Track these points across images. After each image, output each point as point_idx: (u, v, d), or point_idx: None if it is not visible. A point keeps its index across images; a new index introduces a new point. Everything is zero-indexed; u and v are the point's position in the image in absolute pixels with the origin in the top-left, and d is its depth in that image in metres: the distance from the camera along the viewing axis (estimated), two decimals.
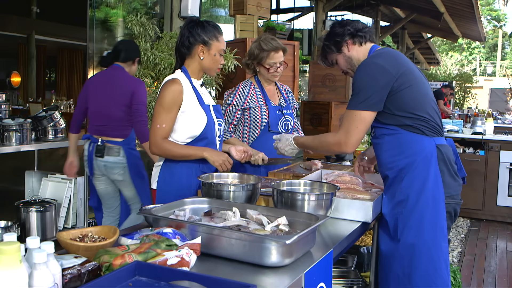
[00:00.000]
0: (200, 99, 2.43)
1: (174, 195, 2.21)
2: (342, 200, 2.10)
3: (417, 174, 2.13)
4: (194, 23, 2.42)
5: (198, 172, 2.41)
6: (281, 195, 1.94)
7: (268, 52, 3.01)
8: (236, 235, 1.51)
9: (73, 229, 1.59)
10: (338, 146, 2.22)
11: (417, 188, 2.12)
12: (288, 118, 3.15)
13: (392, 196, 2.20)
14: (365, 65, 2.17)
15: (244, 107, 3.05)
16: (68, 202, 3.96)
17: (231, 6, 5.26)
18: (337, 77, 7.26)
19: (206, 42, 2.38)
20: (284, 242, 1.42)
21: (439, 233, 2.13)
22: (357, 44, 2.33)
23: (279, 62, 3.05)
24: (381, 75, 2.10)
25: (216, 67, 2.46)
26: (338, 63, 2.41)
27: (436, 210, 2.13)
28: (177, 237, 1.54)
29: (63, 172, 3.59)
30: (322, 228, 1.93)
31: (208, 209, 1.88)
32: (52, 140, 3.88)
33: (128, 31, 4.71)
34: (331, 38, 2.36)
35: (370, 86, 2.11)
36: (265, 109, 3.06)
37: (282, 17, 10.91)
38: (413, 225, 2.12)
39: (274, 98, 3.18)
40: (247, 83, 3.14)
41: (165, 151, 2.36)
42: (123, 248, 1.43)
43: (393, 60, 2.16)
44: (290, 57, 5.37)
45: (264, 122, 3.05)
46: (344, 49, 2.34)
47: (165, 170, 2.45)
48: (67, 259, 1.35)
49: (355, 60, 2.33)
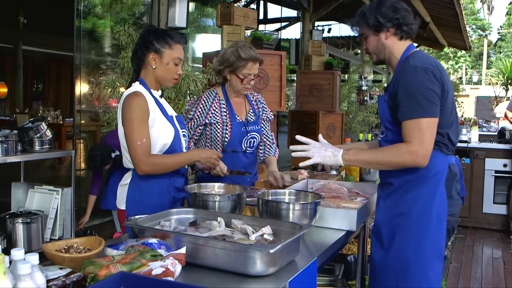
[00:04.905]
0: (163, 110, 2.33)
1: (147, 214, 1.95)
2: (327, 209, 2.12)
3: (425, 190, 2.08)
4: (148, 31, 2.32)
5: (170, 187, 2.33)
6: (266, 205, 1.96)
7: (246, 61, 2.77)
8: (221, 244, 1.53)
9: (59, 241, 1.60)
10: (414, 157, 2.00)
11: (422, 204, 2.07)
12: (254, 135, 2.93)
13: (393, 206, 2.15)
14: (423, 70, 2.01)
15: (205, 122, 2.84)
16: (55, 213, 3.94)
17: (218, 16, 5.29)
18: (324, 86, 7.34)
19: (158, 50, 2.26)
20: (268, 252, 1.44)
21: (437, 252, 2.10)
22: (398, 36, 2.18)
23: (253, 74, 2.82)
24: (437, 85, 2.01)
25: (171, 77, 2.32)
26: (368, 41, 2.24)
27: (438, 229, 2.09)
28: (162, 248, 1.55)
29: None
30: (307, 237, 1.95)
31: (193, 219, 1.89)
32: (39, 151, 3.86)
33: (115, 41, 4.72)
34: (374, 15, 2.16)
35: (431, 91, 1.99)
36: (227, 126, 2.84)
37: (270, 27, 10.97)
38: (412, 241, 2.08)
39: (240, 112, 2.93)
40: (211, 94, 2.90)
41: (156, 165, 2.23)
42: (108, 258, 1.44)
43: (442, 72, 2.05)
44: (277, 67, 5.40)
45: (226, 140, 2.84)
46: (382, 34, 2.18)
47: (134, 189, 2.30)
48: (52, 270, 1.35)
49: (388, 51, 2.20)
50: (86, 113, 7.30)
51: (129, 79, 4.40)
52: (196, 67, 7.19)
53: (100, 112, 7.35)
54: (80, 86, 6.21)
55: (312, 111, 7.30)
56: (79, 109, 6.26)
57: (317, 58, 8.01)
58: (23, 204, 4.02)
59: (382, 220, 2.19)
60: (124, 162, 2.35)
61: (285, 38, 10.86)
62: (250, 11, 5.53)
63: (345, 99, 9.30)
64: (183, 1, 5.33)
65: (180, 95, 4.63)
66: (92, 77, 6.94)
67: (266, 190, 2.20)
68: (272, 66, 5.39)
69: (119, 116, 2.28)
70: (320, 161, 2.17)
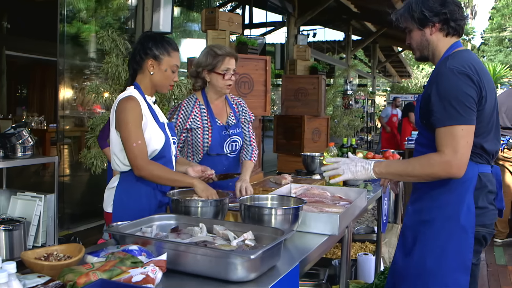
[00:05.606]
0: (155, 116, 2.35)
1: (133, 218, 1.91)
2: (309, 214, 2.12)
3: (451, 199, 1.98)
4: (147, 37, 2.34)
5: (157, 191, 2.34)
6: (248, 210, 1.96)
7: (223, 56, 2.81)
8: (202, 251, 1.52)
9: (38, 248, 1.58)
10: (447, 167, 1.89)
11: (447, 213, 1.99)
12: (235, 138, 2.93)
13: (418, 211, 2.10)
14: (459, 74, 1.90)
15: (186, 127, 2.86)
16: (38, 220, 3.91)
17: (203, 21, 5.29)
18: (310, 91, 7.38)
19: (157, 57, 2.29)
20: (249, 257, 1.44)
21: (462, 264, 1.98)
22: (444, 32, 2.05)
23: (232, 69, 2.85)
24: (474, 90, 1.89)
25: (167, 83, 2.35)
26: (411, 36, 2.12)
27: (463, 241, 1.97)
28: (143, 254, 1.54)
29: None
30: (289, 242, 1.95)
31: (175, 225, 1.89)
32: (21, 157, 3.83)
33: (100, 46, 4.70)
34: (420, 8, 2.03)
35: (467, 96, 1.88)
36: (207, 131, 2.86)
37: (255, 31, 11.00)
38: (434, 250, 2.00)
39: (221, 116, 2.94)
40: (191, 100, 2.92)
41: (152, 171, 2.20)
42: (88, 266, 1.43)
43: (481, 77, 1.93)
44: (261, 71, 5.42)
45: (206, 145, 2.85)
46: (426, 29, 2.05)
47: (121, 192, 2.31)
48: (30, 278, 1.34)
49: (432, 47, 2.08)
50: (70, 119, 7.24)
51: (113, 84, 4.43)
52: (180, 71, 7.17)
53: (84, 117, 7.30)
54: (64, 92, 6.16)
55: (297, 115, 7.34)
56: (63, 114, 6.21)
57: (302, 63, 8.05)
58: (5, 211, 3.99)
59: (408, 224, 2.15)
60: (113, 165, 2.36)
61: (270, 43, 10.92)
62: (235, 16, 5.54)
63: (330, 103, 9.36)
64: (167, 6, 5.32)
65: (164, 100, 4.62)
66: (76, 82, 6.89)
67: (249, 195, 2.20)
68: (257, 71, 5.40)
69: (112, 120, 2.29)
70: (352, 176, 2.12)
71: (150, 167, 2.21)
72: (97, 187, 5.82)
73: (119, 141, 2.26)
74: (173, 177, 2.26)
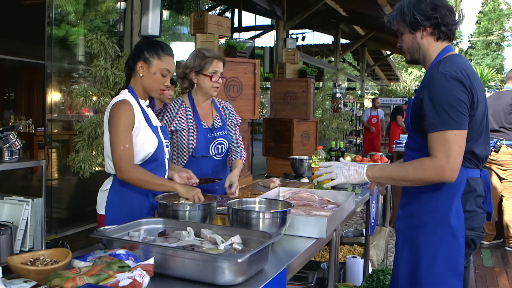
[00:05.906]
0: (148, 120, 2.37)
1: (125, 220, 1.96)
2: (297, 217, 2.13)
3: (440, 204, 2.00)
4: (143, 41, 2.39)
5: (149, 193, 2.36)
6: (236, 214, 1.96)
7: (212, 59, 2.84)
8: (189, 255, 1.53)
9: (25, 253, 1.57)
10: (439, 172, 1.89)
11: (437, 218, 2.00)
12: (221, 141, 2.95)
13: (409, 216, 2.12)
14: (451, 79, 1.90)
15: (171, 129, 2.87)
16: (25, 225, 3.87)
17: (192, 25, 5.30)
18: (298, 94, 7.40)
19: (147, 59, 2.32)
20: (236, 261, 1.44)
21: (453, 269, 1.99)
22: (434, 37, 2.06)
23: (220, 72, 2.87)
24: (466, 95, 1.90)
25: (157, 87, 2.36)
26: (402, 39, 2.14)
27: (454, 245, 1.99)
28: (130, 258, 1.54)
29: None
30: (277, 245, 1.96)
31: (163, 229, 1.89)
32: (8, 161, 3.79)
33: (88, 49, 4.67)
34: (412, 12, 2.04)
35: (460, 101, 1.88)
36: (193, 133, 2.87)
37: (244, 35, 11.03)
38: (425, 255, 2.02)
39: (206, 119, 2.96)
40: (177, 102, 2.93)
41: (134, 174, 2.22)
42: (74, 271, 1.42)
43: (473, 81, 1.93)
44: (250, 75, 5.42)
45: (191, 147, 2.87)
46: (418, 33, 2.07)
47: (114, 195, 2.34)
48: (16, 283, 1.33)
49: (423, 51, 2.09)
50: (58, 122, 7.19)
51: (101, 88, 4.41)
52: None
53: (72, 121, 7.25)
54: (52, 95, 6.12)
55: (286, 118, 7.35)
56: (51, 118, 6.16)
57: (291, 66, 8.07)
58: None
59: (400, 228, 2.16)
60: (106, 167, 2.38)
61: (259, 46, 10.93)
62: (224, 19, 5.55)
63: (319, 107, 9.39)
64: (156, 9, 5.31)
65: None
66: (64, 85, 6.86)
67: (237, 199, 2.20)
68: (246, 74, 5.41)
69: (105, 123, 2.32)
70: (345, 180, 2.13)
71: (132, 170, 2.22)
72: (85, 191, 5.80)
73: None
74: (155, 181, 2.26)
